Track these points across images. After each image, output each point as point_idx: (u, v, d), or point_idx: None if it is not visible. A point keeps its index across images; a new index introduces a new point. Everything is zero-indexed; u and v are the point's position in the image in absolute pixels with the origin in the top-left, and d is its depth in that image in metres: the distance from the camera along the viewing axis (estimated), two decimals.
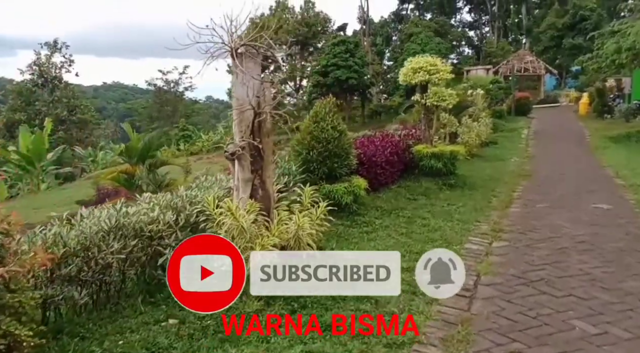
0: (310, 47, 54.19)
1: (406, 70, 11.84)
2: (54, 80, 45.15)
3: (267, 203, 5.62)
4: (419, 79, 11.56)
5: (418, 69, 11.64)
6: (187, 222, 5.56)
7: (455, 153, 11.87)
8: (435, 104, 11.88)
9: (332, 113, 8.80)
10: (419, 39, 48.99)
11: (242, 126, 5.51)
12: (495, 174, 13.58)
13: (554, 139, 21.45)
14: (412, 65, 11.74)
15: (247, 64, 5.47)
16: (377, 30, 64.06)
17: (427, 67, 11.58)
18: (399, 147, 11.65)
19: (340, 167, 8.68)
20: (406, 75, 11.82)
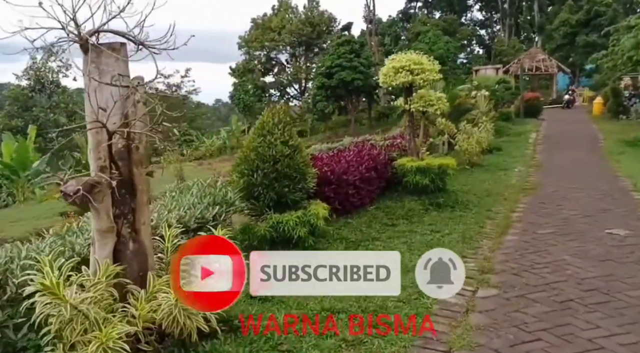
0: (315, 47, 52.55)
1: (386, 70, 10.13)
2: (51, 85, 43.67)
3: (142, 263, 3.96)
4: (401, 81, 9.83)
5: (400, 69, 9.92)
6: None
7: (445, 167, 10.11)
8: (421, 109, 10.14)
9: (284, 124, 7.12)
10: (427, 38, 47.12)
11: (99, 152, 3.85)
12: (495, 188, 11.78)
13: (564, 144, 19.53)
14: (392, 64, 10.03)
15: (104, 61, 3.80)
16: (385, 30, 62.21)
17: (410, 66, 9.86)
18: (379, 161, 9.94)
19: (292, 191, 7.00)
20: (386, 75, 10.11)
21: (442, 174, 10.15)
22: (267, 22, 49.73)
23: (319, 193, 8.18)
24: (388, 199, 9.95)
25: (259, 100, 48.55)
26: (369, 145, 10.98)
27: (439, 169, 10.06)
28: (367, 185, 9.41)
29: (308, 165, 7.35)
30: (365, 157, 9.70)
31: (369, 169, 9.48)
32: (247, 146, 7.11)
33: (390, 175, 10.28)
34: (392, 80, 9.96)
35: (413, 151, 10.42)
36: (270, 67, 51.46)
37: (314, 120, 45.94)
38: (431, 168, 9.95)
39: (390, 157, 10.61)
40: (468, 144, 14.46)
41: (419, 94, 10.25)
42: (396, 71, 9.94)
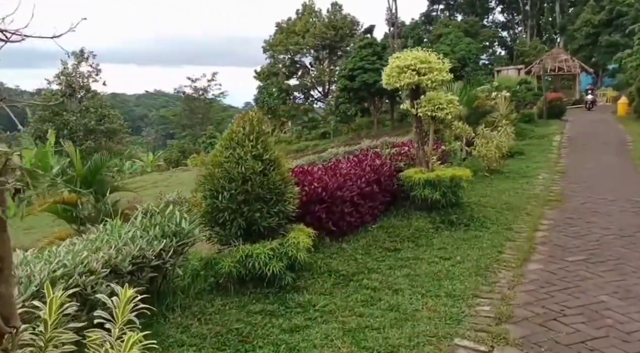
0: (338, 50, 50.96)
1: (389, 70, 8.54)
2: (82, 89, 43.15)
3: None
4: (406, 82, 8.23)
5: (404, 68, 8.33)
6: None
7: (458, 178, 8.48)
8: (430, 114, 8.52)
9: (257, 134, 5.63)
10: (448, 40, 45.10)
11: None
12: (515, 200, 10.09)
13: (590, 147, 17.54)
14: (396, 63, 8.43)
15: None
16: (408, 33, 60.19)
17: (416, 66, 8.26)
18: (382, 172, 8.36)
19: (266, 216, 5.51)
20: (389, 76, 8.53)
21: (455, 186, 8.52)
22: (291, 26, 48.40)
23: (308, 213, 6.70)
24: (393, 216, 8.37)
25: (284, 103, 47.26)
26: (372, 153, 9.39)
27: (451, 182, 8.44)
28: (368, 201, 7.87)
29: (288, 183, 5.83)
30: (367, 169, 8.14)
31: (370, 182, 7.92)
32: (212, 161, 5.63)
33: (396, 189, 8.70)
34: (396, 82, 8.38)
35: (422, 161, 8.81)
36: (295, 70, 50.13)
37: (337, 122, 44.49)
38: (442, 180, 8.33)
39: (396, 167, 9.02)
40: (487, 149, 12.76)
41: (427, 97, 8.64)
42: (400, 71, 8.35)
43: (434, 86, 8.40)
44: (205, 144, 43.14)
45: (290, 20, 48.73)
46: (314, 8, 49.44)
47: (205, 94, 51.04)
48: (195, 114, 50.09)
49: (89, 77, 45.17)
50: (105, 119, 43.69)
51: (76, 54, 45.09)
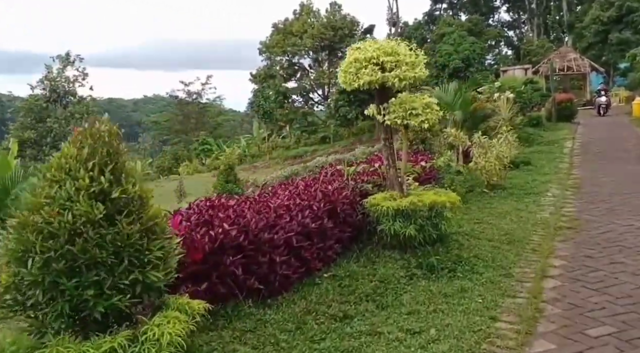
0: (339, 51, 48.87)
1: (346, 65, 6.43)
2: (67, 95, 41.16)
3: None
4: (366, 80, 6.12)
5: (365, 63, 6.21)
6: None
7: (440, 206, 6.37)
8: (400, 122, 6.39)
9: (103, 158, 3.54)
10: (451, 39, 42.83)
11: None
12: (518, 229, 7.93)
13: (606, 154, 15.28)
14: (354, 56, 6.32)
15: None
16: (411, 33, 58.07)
17: (379, 59, 6.14)
18: (339, 200, 6.25)
19: (108, 294, 3.39)
20: (346, 73, 6.41)
21: (437, 217, 6.41)
22: (288, 27, 46.42)
23: (215, 268, 4.63)
24: (354, 259, 6.26)
25: (281, 106, 45.13)
26: (329, 173, 7.27)
27: (430, 211, 6.33)
28: (317, 241, 5.78)
29: (159, 233, 3.72)
30: (318, 197, 6.04)
31: (319, 215, 5.84)
32: (30, 202, 3.53)
33: (360, 220, 6.60)
34: (354, 80, 6.27)
35: (393, 183, 6.68)
36: (293, 72, 48.12)
37: (337, 126, 42.36)
38: (418, 209, 6.23)
39: (363, 191, 6.92)
40: (485, 160, 10.61)
41: (397, 100, 6.53)
42: (361, 66, 6.23)
43: (403, 85, 6.27)
44: (197, 151, 41.16)
45: (287, 21, 46.74)
46: (312, 8, 47.45)
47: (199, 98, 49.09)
48: (189, 119, 48.08)
49: (74, 81, 43.26)
50: None
51: (61, 57, 43.15)
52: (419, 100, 6.50)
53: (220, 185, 14.43)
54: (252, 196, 5.88)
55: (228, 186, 14.23)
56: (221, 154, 40.56)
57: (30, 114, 40.37)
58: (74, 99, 41.52)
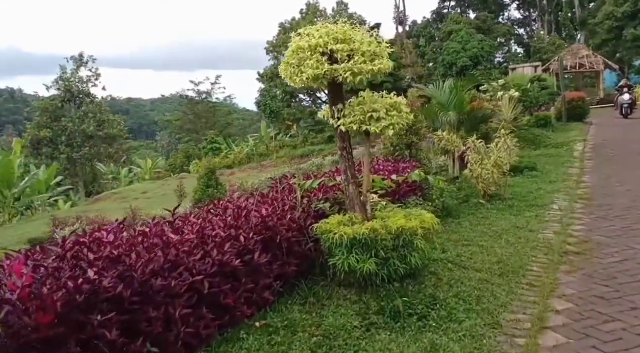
0: None
1: (289, 56, 4.96)
2: (81, 95, 40.52)
3: None
4: (310, 74, 4.66)
5: (310, 52, 4.75)
6: None
7: (410, 233, 4.89)
8: (356, 128, 4.92)
9: None
10: (459, 37, 41.04)
11: None
12: (515, 254, 6.39)
13: (622, 159, 13.54)
14: (299, 44, 4.86)
15: None
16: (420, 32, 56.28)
17: (328, 47, 4.68)
18: (278, 225, 4.80)
19: None
20: (287, 65, 4.95)
21: (405, 246, 4.93)
22: (295, 26, 44.96)
23: (80, 331, 3.25)
24: (299, 301, 4.82)
25: (288, 106, 43.76)
26: (272, 193, 5.81)
27: (396, 240, 4.85)
28: (248, 280, 4.35)
29: None
30: (252, 223, 4.61)
31: (249, 247, 4.40)
32: None
33: (308, 251, 5.14)
34: (295, 75, 4.81)
35: (353, 203, 5.21)
36: None
37: None
38: (380, 238, 4.76)
39: (319, 211, 5.47)
40: (482, 167, 9.07)
41: (356, 100, 5.06)
42: (305, 57, 4.76)
43: (358, 81, 4.79)
44: (206, 150, 40.00)
45: (294, 21, 45.33)
46: (319, 7, 46.04)
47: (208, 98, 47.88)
48: (200, 118, 46.97)
49: (88, 81, 42.65)
50: (105, 124, 41.08)
51: (75, 58, 42.66)
52: (383, 101, 5.02)
53: (200, 190, 13.10)
54: (163, 222, 4.42)
55: (209, 191, 12.90)
56: (230, 152, 39.44)
57: (46, 114, 40.00)
58: (88, 99, 40.79)
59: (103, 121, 40.29)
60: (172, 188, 24.25)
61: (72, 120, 39.11)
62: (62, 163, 38.13)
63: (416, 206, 7.29)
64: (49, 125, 38.23)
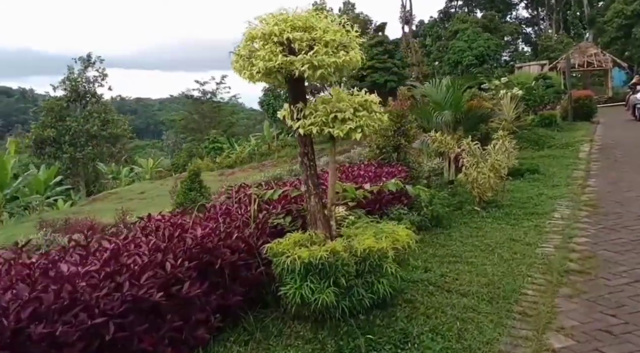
0: None
1: (242, 46, 4.13)
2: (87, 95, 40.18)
3: None
4: (261, 67, 3.84)
5: (263, 41, 3.93)
6: None
7: (378, 256, 4.05)
8: (318, 131, 4.09)
9: None
10: (465, 36, 40.03)
11: None
12: (507, 274, 5.51)
13: (632, 162, 12.55)
14: (252, 32, 4.03)
15: None
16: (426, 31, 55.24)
17: (283, 35, 3.86)
18: (218, 247, 3.98)
19: None
20: (239, 57, 4.12)
21: (372, 272, 4.09)
22: None
23: None
24: (242, 339, 3.99)
25: None
26: (224, 206, 4.97)
27: (362, 264, 4.02)
28: (174, 316, 3.52)
29: None
30: (187, 244, 3.79)
31: (178, 276, 3.58)
32: None
33: (262, 274, 4.31)
34: (245, 68, 3.99)
35: (315, 217, 4.37)
36: None
37: None
38: (341, 263, 3.92)
39: (278, 227, 4.65)
40: (478, 171, 8.19)
41: (319, 98, 4.24)
42: (253, 49, 3.94)
43: (318, 76, 3.96)
44: (207, 149, 39.33)
45: None
46: (325, 7, 45.11)
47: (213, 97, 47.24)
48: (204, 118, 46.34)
49: (94, 82, 42.33)
50: (109, 124, 40.63)
51: (83, 58, 42.33)
52: (351, 99, 4.18)
53: (182, 193, 12.28)
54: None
55: (191, 194, 12.08)
56: (232, 152, 38.76)
57: (51, 113, 39.69)
58: (94, 99, 40.42)
59: (107, 121, 39.81)
60: (169, 188, 23.64)
61: (77, 119, 38.69)
62: (65, 162, 37.80)
63: (400, 216, 6.47)
64: (54, 125, 37.81)
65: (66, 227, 14.67)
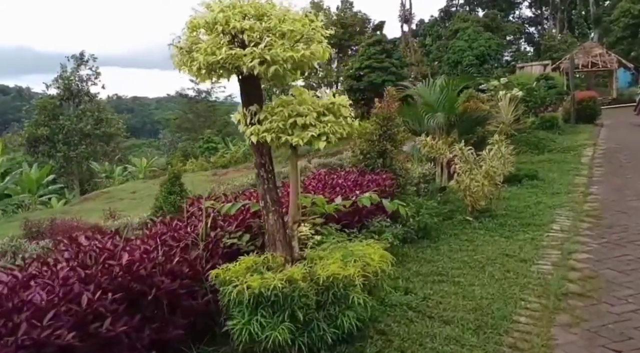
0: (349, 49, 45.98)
1: (184, 37, 3.58)
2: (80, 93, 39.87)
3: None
4: (201, 61, 3.31)
5: (209, 29, 3.39)
6: None
7: (343, 285, 3.50)
8: (274, 140, 3.55)
9: None
10: (466, 35, 39.41)
11: None
12: (498, 297, 4.95)
13: (636, 166, 11.99)
14: (195, 20, 3.48)
15: None
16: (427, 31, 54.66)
17: (231, 24, 3.31)
18: (149, 275, 3.43)
19: None
20: (179, 50, 3.57)
21: (337, 303, 3.54)
22: None
23: None
24: None
25: None
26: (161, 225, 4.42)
27: (323, 295, 3.47)
28: None
29: None
30: (114, 272, 3.24)
31: (96, 311, 3.03)
32: None
33: (208, 303, 3.77)
34: (184, 64, 3.46)
35: (274, 237, 3.83)
36: None
37: None
38: (299, 294, 3.37)
39: (232, 248, 4.11)
40: (471, 178, 7.64)
41: (278, 100, 3.71)
42: (195, 41, 3.40)
43: (272, 73, 3.41)
44: (202, 149, 38.85)
45: None
46: (322, 6, 44.74)
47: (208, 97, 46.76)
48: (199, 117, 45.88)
49: (87, 80, 41.97)
50: (102, 123, 40.32)
51: (76, 57, 42.00)
52: (316, 102, 3.64)
53: (162, 197, 11.76)
54: None
55: (171, 198, 11.56)
56: (227, 152, 38.25)
57: (44, 112, 39.45)
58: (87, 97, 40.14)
59: (101, 119, 39.54)
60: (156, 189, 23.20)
61: (70, 118, 38.46)
62: (58, 161, 37.61)
63: (381, 229, 5.92)
64: (47, 124, 37.62)
65: (51, 227, 14.26)
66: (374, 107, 7.58)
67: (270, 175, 3.82)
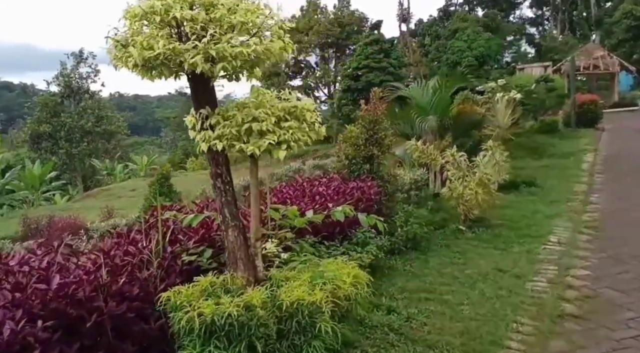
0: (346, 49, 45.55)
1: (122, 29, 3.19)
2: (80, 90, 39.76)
3: None
4: (136, 56, 2.93)
5: (145, 20, 3.01)
6: None
7: (309, 311, 3.13)
8: (225, 147, 3.19)
9: None
10: (465, 35, 39.05)
11: None
12: (489, 318, 4.58)
13: (638, 173, 11.63)
14: (130, 10, 3.10)
15: None
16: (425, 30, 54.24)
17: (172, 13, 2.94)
18: (88, 298, 3.06)
19: None
20: (115, 44, 3.19)
21: (303, 331, 3.17)
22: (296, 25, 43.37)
23: None
24: None
25: None
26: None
27: (286, 323, 3.10)
28: None
29: None
30: (48, 296, 2.88)
31: (26, 339, 2.66)
32: None
33: (162, 327, 3.40)
34: (119, 60, 3.09)
35: (235, 256, 3.46)
36: (298, 70, 45.10)
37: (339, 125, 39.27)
38: (257, 322, 3.00)
39: (192, 265, 3.74)
40: (464, 186, 7.29)
41: (231, 104, 3.37)
42: (139, 29, 3.03)
43: (219, 70, 3.04)
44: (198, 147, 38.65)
45: (294, 18, 43.65)
46: (319, 4, 44.38)
47: None
48: None
49: (87, 78, 41.96)
50: (103, 120, 40.32)
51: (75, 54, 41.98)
52: (276, 105, 3.27)
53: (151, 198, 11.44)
54: None
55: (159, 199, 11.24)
56: None
57: (45, 109, 39.49)
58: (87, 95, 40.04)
59: (101, 117, 39.60)
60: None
61: (71, 115, 38.55)
62: (61, 158, 37.82)
63: (365, 240, 5.56)
64: (48, 121, 37.70)
65: (49, 225, 14.09)
66: (360, 109, 7.21)
67: (228, 187, 3.45)
